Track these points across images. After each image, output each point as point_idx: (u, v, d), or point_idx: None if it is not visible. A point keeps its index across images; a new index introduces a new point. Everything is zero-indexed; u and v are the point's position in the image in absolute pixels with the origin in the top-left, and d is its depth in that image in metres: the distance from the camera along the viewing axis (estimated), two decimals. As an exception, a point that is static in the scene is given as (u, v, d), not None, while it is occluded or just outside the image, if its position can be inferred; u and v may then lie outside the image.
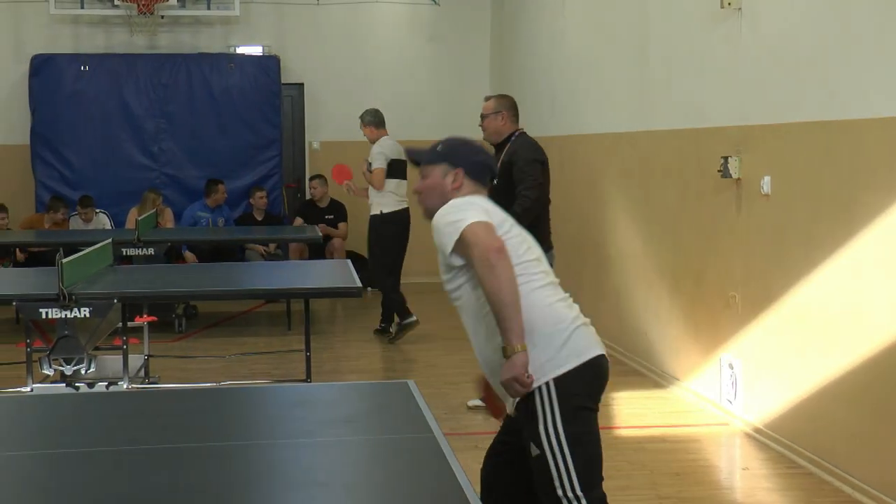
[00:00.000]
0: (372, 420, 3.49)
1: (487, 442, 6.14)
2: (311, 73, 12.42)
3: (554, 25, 9.98)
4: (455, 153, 3.58)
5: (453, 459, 2.88)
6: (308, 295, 6.89)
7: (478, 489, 2.73)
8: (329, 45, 12.42)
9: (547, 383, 3.29)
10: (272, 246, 11.29)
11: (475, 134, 11.93)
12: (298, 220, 11.47)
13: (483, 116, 6.56)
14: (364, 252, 11.79)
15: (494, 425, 6.45)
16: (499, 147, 6.48)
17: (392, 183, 9.19)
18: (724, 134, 6.47)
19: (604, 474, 3.41)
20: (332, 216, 11.45)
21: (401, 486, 2.81)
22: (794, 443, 5.72)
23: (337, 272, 7.23)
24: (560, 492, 3.27)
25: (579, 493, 3.27)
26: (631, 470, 5.51)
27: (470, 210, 3.33)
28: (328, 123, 12.48)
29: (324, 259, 10.87)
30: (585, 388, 3.34)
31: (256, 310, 10.72)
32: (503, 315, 3.20)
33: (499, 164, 6.23)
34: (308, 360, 6.60)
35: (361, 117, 9.47)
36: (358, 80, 12.44)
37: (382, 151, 9.21)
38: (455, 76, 12.67)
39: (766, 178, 5.99)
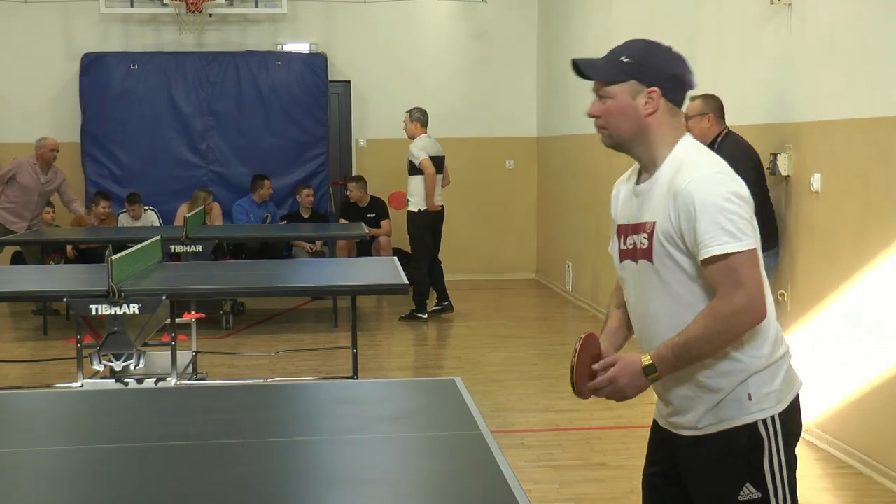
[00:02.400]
0: (419, 417, 3.48)
1: (534, 440, 6.17)
2: (358, 70, 12.45)
3: (601, 23, 9.93)
4: (648, 66, 2.78)
5: (500, 457, 2.87)
6: (355, 292, 6.91)
7: (525, 486, 2.71)
8: (376, 43, 12.44)
9: (773, 417, 2.75)
10: (318, 243, 11.32)
11: (517, 127, 11.95)
12: (343, 222, 11.50)
13: (687, 118, 6.13)
14: (409, 249, 11.85)
15: (541, 423, 6.45)
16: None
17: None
18: (773, 131, 6.40)
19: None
20: (373, 214, 11.47)
21: (448, 483, 2.80)
22: (845, 443, 5.65)
23: (383, 269, 7.24)
24: None
25: None
26: (678, 469, 5.48)
27: (746, 218, 2.66)
28: (375, 121, 12.50)
29: (370, 256, 10.89)
30: (799, 423, 2.86)
31: (303, 307, 10.77)
32: (688, 358, 2.70)
33: None
34: (355, 356, 6.62)
35: (410, 112, 9.70)
36: (405, 77, 12.45)
37: (424, 147, 9.70)
38: (502, 74, 12.65)
39: (816, 176, 5.92)
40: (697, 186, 2.66)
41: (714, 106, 6.22)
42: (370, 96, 12.48)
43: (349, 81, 12.46)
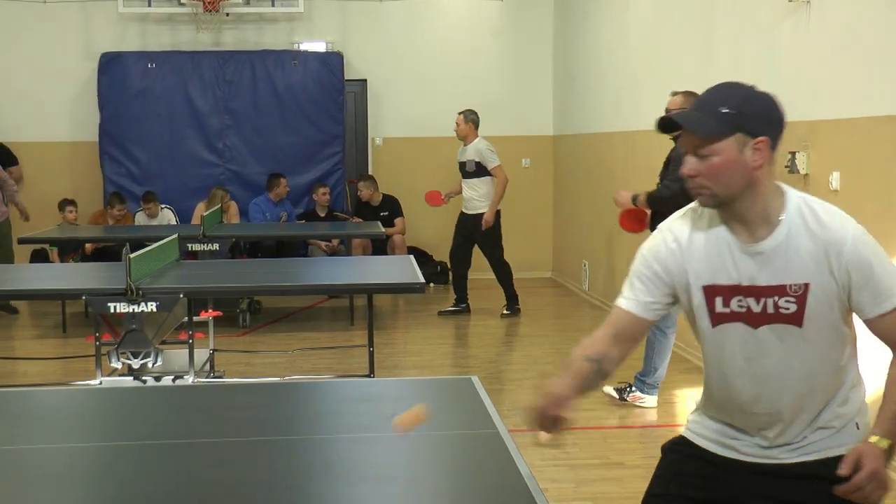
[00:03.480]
0: (435, 415, 3.48)
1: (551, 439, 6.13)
2: (374, 69, 12.45)
3: (618, 20, 9.91)
4: (751, 114, 2.53)
5: (518, 456, 2.87)
6: (372, 290, 6.92)
7: (541, 485, 2.71)
8: (392, 42, 12.44)
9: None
10: (335, 242, 11.34)
11: (533, 125, 11.93)
12: (356, 220, 11.52)
13: (668, 111, 6.47)
14: (425, 248, 11.85)
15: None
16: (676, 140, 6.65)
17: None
18: (791, 129, 6.34)
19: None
20: (386, 213, 11.48)
21: (465, 481, 2.81)
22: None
23: (400, 268, 7.25)
24: None
25: None
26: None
27: None
28: (391, 120, 12.51)
29: (386, 255, 10.91)
30: None
31: (319, 305, 10.78)
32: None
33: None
34: (371, 355, 6.63)
35: (465, 113, 9.90)
36: (421, 76, 12.45)
37: (494, 150, 9.92)
38: (518, 72, 12.63)
39: (835, 174, 5.90)
40: (861, 238, 2.58)
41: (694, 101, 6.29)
42: (386, 95, 12.48)
43: (365, 80, 12.46)
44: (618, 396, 6.64)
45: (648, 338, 6.53)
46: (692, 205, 2.70)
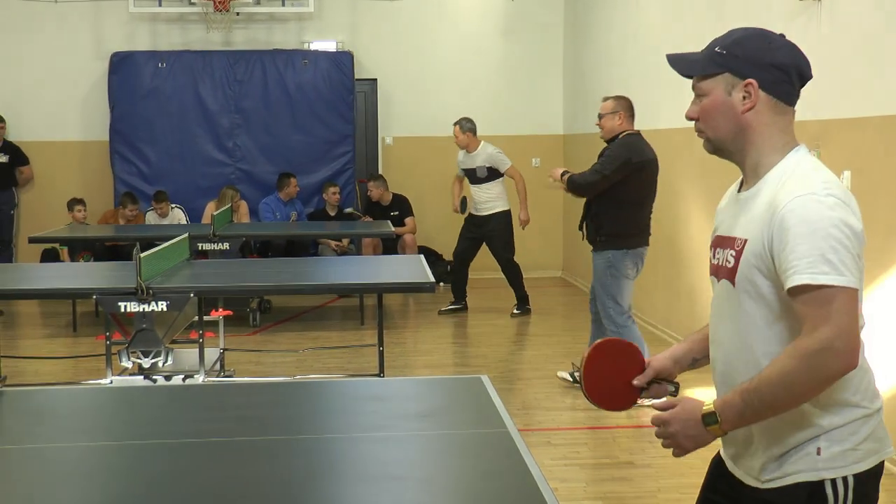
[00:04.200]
0: (446, 415, 3.49)
1: (561, 438, 6.17)
2: (384, 68, 12.46)
3: (627, 19, 9.90)
4: (740, 55, 2.44)
5: (528, 455, 2.87)
6: (382, 290, 6.92)
7: (551, 484, 2.70)
8: (402, 41, 12.45)
9: (845, 478, 2.37)
10: (345, 241, 11.35)
11: (543, 124, 11.92)
12: (367, 219, 11.53)
13: (600, 115, 6.94)
14: (436, 247, 11.85)
15: (568, 422, 6.44)
16: (608, 143, 7.01)
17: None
18: (802, 128, 6.33)
19: (677, 472, 3.34)
20: (396, 212, 11.49)
21: (475, 480, 2.80)
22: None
23: (410, 267, 7.25)
24: None
25: None
26: (704, 467, 5.44)
27: (852, 253, 2.28)
28: (401, 119, 12.51)
29: (396, 255, 10.91)
30: (876, 492, 2.44)
31: (329, 304, 10.79)
32: (764, 410, 2.32)
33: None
34: (381, 354, 6.63)
35: (461, 123, 9.89)
36: (431, 75, 12.45)
37: (503, 152, 10.05)
38: (528, 71, 12.63)
39: (846, 174, 5.88)
40: (803, 204, 2.30)
41: (625, 105, 6.85)
42: (396, 94, 12.48)
43: (376, 79, 12.47)
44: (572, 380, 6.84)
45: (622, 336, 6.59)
46: None
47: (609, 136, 6.96)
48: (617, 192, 6.76)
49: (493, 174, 9.90)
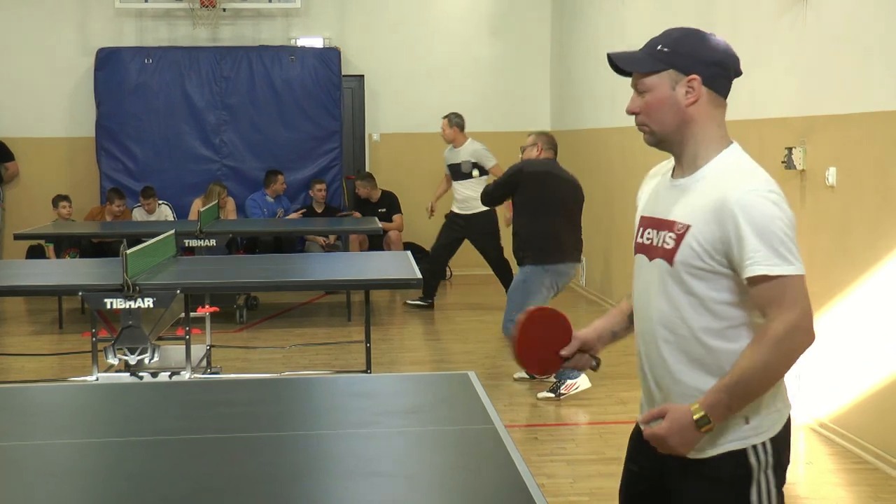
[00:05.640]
0: (433, 411, 3.49)
1: (547, 434, 6.18)
2: (371, 65, 12.45)
3: (615, 17, 9.90)
4: (686, 53, 2.58)
5: (514, 451, 2.87)
6: (369, 286, 6.92)
7: (538, 480, 2.71)
8: (390, 38, 12.44)
9: (764, 444, 2.56)
10: (332, 237, 11.34)
11: (530, 121, 11.95)
12: (357, 215, 11.53)
13: (522, 149, 7.42)
14: (422, 244, 11.84)
15: (554, 418, 6.45)
16: None
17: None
18: (788, 124, 6.38)
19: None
20: (384, 209, 11.49)
21: (461, 477, 2.81)
22: (860, 438, 5.64)
23: (397, 263, 7.25)
24: None
25: None
26: (692, 464, 5.47)
27: (794, 240, 2.51)
28: (388, 115, 12.51)
29: (383, 251, 10.91)
30: (790, 446, 2.65)
31: (316, 301, 10.78)
32: (744, 397, 2.48)
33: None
34: (368, 350, 6.63)
35: (449, 118, 9.93)
36: (418, 72, 12.45)
37: (489, 149, 10.09)
38: (515, 68, 12.63)
39: (832, 170, 5.90)
40: (752, 201, 2.48)
41: (544, 140, 7.36)
42: (384, 91, 12.48)
43: (363, 76, 12.46)
44: (555, 396, 6.75)
45: None
46: None
47: None
48: (526, 204, 7.13)
49: (477, 171, 9.92)
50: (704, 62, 2.58)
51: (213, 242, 9.03)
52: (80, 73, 11.99)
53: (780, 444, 2.59)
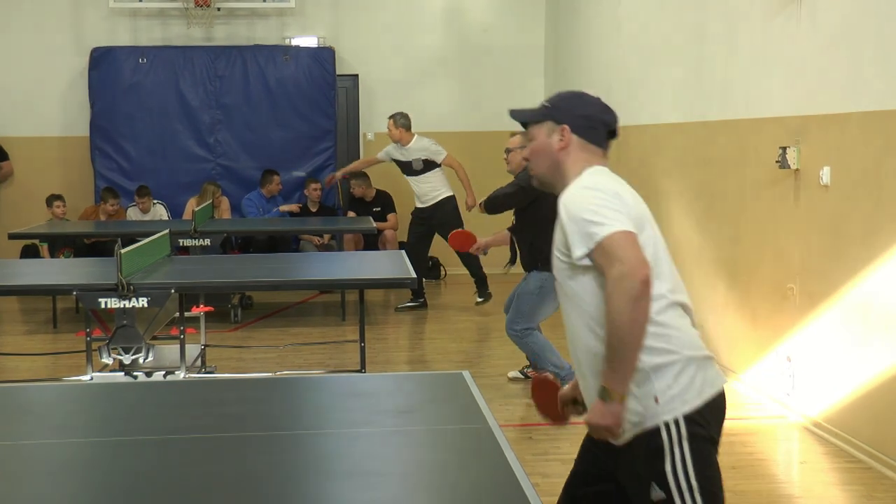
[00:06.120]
0: (427, 410, 3.49)
1: (542, 433, 6.18)
2: (365, 64, 12.44)
3: (610, 16, 9.91)
4: (559, 107, 3.08)
5: (508, 450, 2.88)
6: (363, 285, 6.92)
7: (532, 479, 2.71)
8: (384, 37, 12.43)
9: (676, 420, 2.78)
10: (326, 237, 11.33)
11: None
12: (351, 214, 11.53)
13: (507, 150, 7.18)
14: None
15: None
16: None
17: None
18: (782, 124, 6.39)
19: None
20: (378, 209, 11.49)
21: (456, 476, 2.81)
22: (854, 437, 5.65)
23: (391, 263, 7.25)
24: None
25: None
26: (686, 463, 5.48)
27: (611, 208, 2.81)
28: (382, 115, 12.42)
29: (377, 250, 10.91)
30: (715, 423, 2.87)
31: (311, 300, 10.78)
32: (619, 355, 2.73)
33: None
34: (362, 350, 6.63)
35: (395, 118, 10.05)
36: (412, 71, 12.44)
37: (436, 142, 10.21)
38: (509, 67, 12.62)
39: (826, 169, 5.91)
40: (566, 197, 2.88)
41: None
42: (378, 90, 12.47)
43: (357, 75, 12.45)
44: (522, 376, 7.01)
45: (527, 344, 6.85)
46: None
47: (515, 171, 7.16)
48: (536, 212, 6.89)
49: (428, 165, 10.09)
50: (575, 114, 3.04)
51: (207, 242, 9.02)
52: (74, 73, 11.96)
53: (699, 418, 2.80)
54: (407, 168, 10.15)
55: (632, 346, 2.72)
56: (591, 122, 3.06)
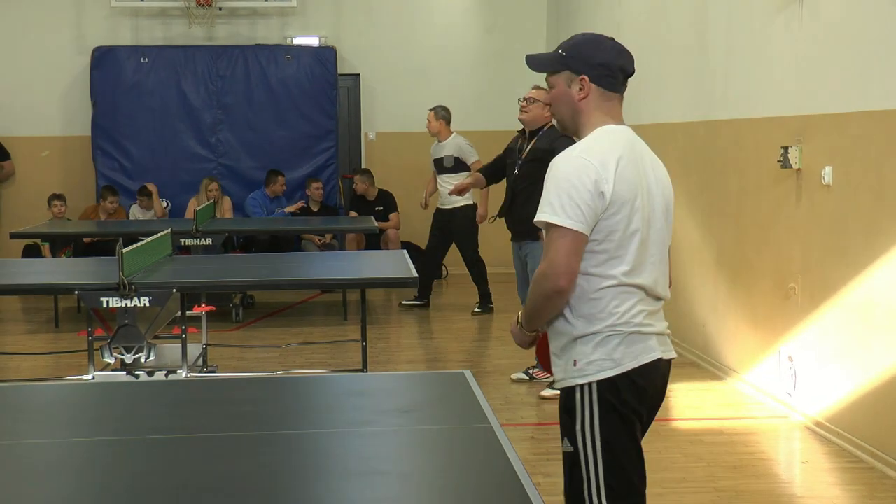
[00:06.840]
0: (429, 410, 3.49)
1: (544, 433, 6.17)
2: (367, 63, 12.45)
3: (611, 15, 9.90)
4: (576, 57, 3.10)
5: (510, 449, 2.88)
6: (365, 285, 6.92)
7: (534, 479, 2.71)
8: (385, 36, 12.43)
9: (590, 384, 3.02)
10: (328, 236, 11.33)
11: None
12: (353, 214, 11.52)
13: (529, 100, 7.04)
14: (419, 243, 11.84)
15: (551, 416, 6.44)
16: (530, 134, 7.10)
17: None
18: (784, 123, 6.39)
19: (660, 466, 3.38)
20: (381, 208, 11.48)
21: (458, 476, 2.81)
22: (856, 436, 5.64)
23: (393, 262, 7.24)
24: (586, 494, 3.04)
25: (604, 501, 3.02)
26: (687, 462, 5.47)
27: (577, 200, 2.92)
28: (384, 114, 12.50)
29: (379, 250, 10.90)
30: (632, 395, 3.03)
31: (312, 300, 10.78)
32: (528, 318, 3.16)
33: (527, 150, 7.04)
34: (364, 349, 6.63)
35: (435, 110, 9.94)
36: (414, 71, 12.44)
37: (471, 144, 10.04)
38: (512, 66, 12.58)
39: (828, 169, 5.91)
40: (557, 161, 3.00)
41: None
42: (379, 89, 12.47)
43: (358, 75, 12.45)
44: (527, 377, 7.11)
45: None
46: None
47: (532, 126, 7.07)
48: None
49: (458, 165, 9.91)
50: (592, 64, 3.08)
51: (209, 241, 9.02)
52: (75, 72, 11.97)
53: (611, 389, 3.01)
54: (439, 165, 10.02)
55: (537, 321, 3.11)
56: (609, 70, 3.10)
